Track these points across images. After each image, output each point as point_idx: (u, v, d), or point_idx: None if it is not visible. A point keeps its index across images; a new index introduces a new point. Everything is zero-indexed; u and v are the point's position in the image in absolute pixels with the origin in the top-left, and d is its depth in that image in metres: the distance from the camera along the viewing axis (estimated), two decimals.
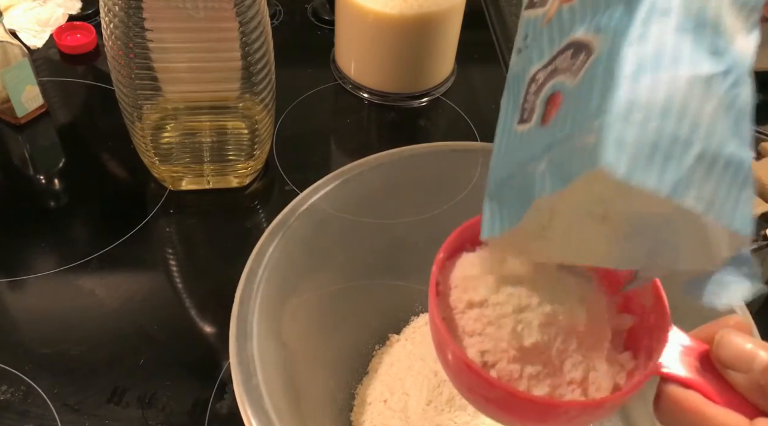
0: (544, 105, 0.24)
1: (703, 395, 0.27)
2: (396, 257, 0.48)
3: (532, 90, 0.25)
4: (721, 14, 0.20)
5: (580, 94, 0.21)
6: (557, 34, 0.25)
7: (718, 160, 0.20)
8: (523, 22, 0.28)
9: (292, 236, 0.41)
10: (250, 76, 0.53)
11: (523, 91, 0.26)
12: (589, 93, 0.21)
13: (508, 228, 0.25)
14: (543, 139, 0.23)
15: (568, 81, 0.23)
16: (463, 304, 0.31)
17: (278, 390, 0.37)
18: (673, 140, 0.19)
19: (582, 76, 0.22)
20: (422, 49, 0.69)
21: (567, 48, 0.24)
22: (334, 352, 0.47)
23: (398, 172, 0.46)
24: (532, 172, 0.23)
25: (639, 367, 0.31)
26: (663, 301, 0.31)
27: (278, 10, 0.82)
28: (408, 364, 0.48)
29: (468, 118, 0.71)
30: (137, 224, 0.59)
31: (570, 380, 0.30)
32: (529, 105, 0.25)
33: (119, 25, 0.48)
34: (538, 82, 0.25)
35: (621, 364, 0.31)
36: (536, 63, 0.25)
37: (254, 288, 0.38)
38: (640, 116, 0.19)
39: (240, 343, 0.36)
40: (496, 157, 0.28)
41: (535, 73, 0.25)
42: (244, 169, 0.60)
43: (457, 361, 0.30)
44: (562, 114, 0.22)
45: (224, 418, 0.47)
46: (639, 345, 0.32)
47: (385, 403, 0.46)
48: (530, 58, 0.26)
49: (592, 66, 0.21)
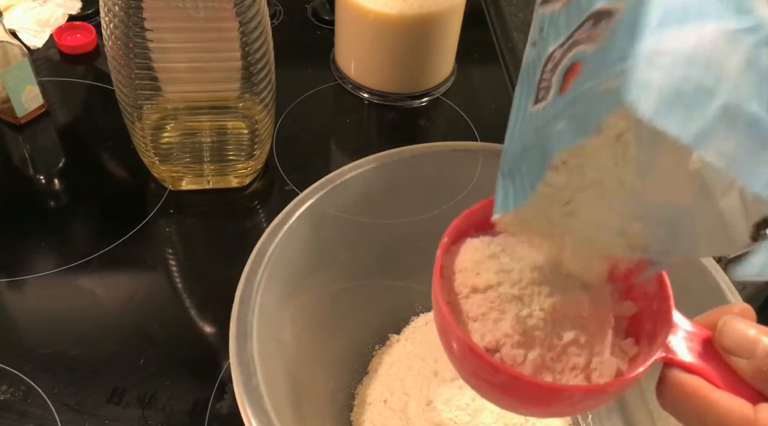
0: (562, 77, 0.23)
1: (706, 380, 0.27)
2: (396, 257, 0.48)
3: (549, 68, 0.25)
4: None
5: (603, 53, 0.21)
6: (575, 13, 0.24)
7: (740, 116, 0.20)
8: (537, 16, 0.28)
9: (292, 236, 0.41)
10: (250, 76, 0.53)
11: (539, 72, 0.25)
12: (612, 47, 0.20)
13: (523, 201, 0.25)
14: (562, 104, 0.22)
15: (589, 48, 0.22)
16: (467, 289, 0.31)
17: (278, 390, 0.37)
18: (698, 89, 0.19)
19: (604, 37, 0.21)
20: (422, 49, 0.69)
21: (587, 20, 0.23)
22: (334, 352, 0.47)
23: (398, 172, 0.46)
24: (550, 133, 0.22)
25: (642, 353, 0.31)
26: (666, 287, 0.31)
27: (278, 10, 0.82)
28: (408, 364, 0.48)
29: (468, 118, 0.71)
30: (137, 224, 0.59)
31: (573, 366, 0.30)
32: (546, 83, 0.24)
33: (119, 25, 0.48)
34: (555, 60, 0.24)
35: (624, 350, 0.31)
36: (553, 43, 0.25)
37: (254, 288, 0.38)
38: (667, 61, 0.19)
39: (240, 343, 0.36)
40: (510, 141, 0.27)
41: (552, 52, 0.25)
42: (244, 169, 0.60)
43: (461, 345, 0.30)
44: (582, 76, 0.22)
45: (224, 418, 0.47)
46: (641, 331, 0.32)
47: (385, 403, 0.46)
48: (546, 43, 0.26)
49: (616, 25, 0.21)
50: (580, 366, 0.30)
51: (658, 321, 0.30)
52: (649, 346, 0.30)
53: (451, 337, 0.30)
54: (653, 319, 0.31)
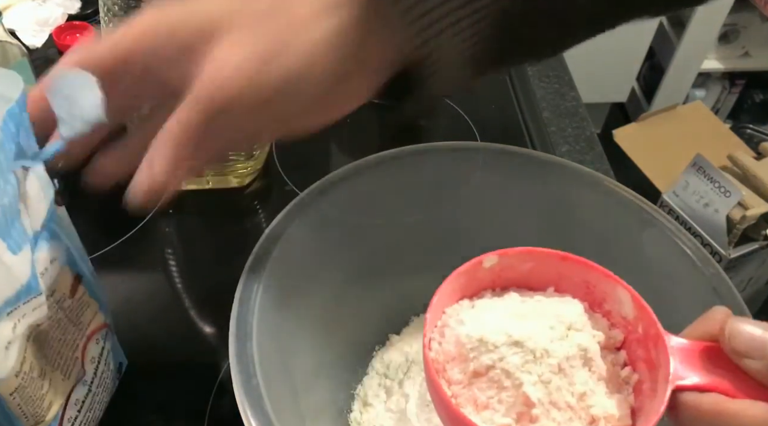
0: None
1: (720, 393, 0.27)
2: (396, 257, 0.48)
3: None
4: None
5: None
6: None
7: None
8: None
9: (292, 236, 0.41)
10: None
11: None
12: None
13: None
14: None
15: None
16: (469, 375, 0.31)
17: (278, 390, 0.37)
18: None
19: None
20: None
21: None
22: (334, 352, 0.47)
23: (398, 172, 0.46)
24: None
25: (645, 381, 0.30)
26: (646, 310, 0.30)
27: None
28: (408, 365, 0.48)
29: (468, 118, 0.71)
30: (136, 224, 0.58)
31: (591, 420, 0.29)
32: None
33: (119, 25, 0.48)
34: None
35: (626, 381, 0.31)
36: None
37: (254, 288, 0.38)
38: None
39: (240, 343, 0.36)
40: None
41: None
42: (244, 169, 0.60)
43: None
44: None
45: (224, 418, 0.47)
46: (634, 357, 0.32)
47: (385, 403, 0.46)
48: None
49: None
50: (599, 416, 0.29)
51: (649, 346, 0.30)
52: (650, 371, 0.30)
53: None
54: (643, 344, 0.31)
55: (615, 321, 0.32)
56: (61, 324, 0.38)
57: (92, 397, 0.42)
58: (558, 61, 0.79)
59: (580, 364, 0.30)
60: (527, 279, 0.34)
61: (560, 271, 0.34)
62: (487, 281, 0.35)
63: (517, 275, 0.34)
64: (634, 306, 0.31)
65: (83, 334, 0.40)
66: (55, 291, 0.37)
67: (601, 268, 0.33)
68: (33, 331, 0.35)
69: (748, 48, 1.84)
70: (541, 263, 0.34)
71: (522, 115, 0.72)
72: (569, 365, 0.30)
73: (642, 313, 0.31)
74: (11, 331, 0.32)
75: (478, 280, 0.34)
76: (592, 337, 0.31)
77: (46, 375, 0.37)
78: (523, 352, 0.29)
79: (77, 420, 0.41)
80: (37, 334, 0.35)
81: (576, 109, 0.73)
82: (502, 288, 0.35)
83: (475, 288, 0.35)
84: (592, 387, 0.30)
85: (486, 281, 0.35)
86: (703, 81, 1.89)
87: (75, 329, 0.40)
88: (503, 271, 0.34)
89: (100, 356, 0.43)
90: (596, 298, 0.33)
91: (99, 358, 0.42)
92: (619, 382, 0.31)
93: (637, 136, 1.44)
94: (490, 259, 0.34)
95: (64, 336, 0.39)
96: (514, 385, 0.29)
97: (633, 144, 1.43)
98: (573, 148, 0.68)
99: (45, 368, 0.36)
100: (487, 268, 0.34)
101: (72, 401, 0.40)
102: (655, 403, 0.28)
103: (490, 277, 0.34)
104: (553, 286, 0.34)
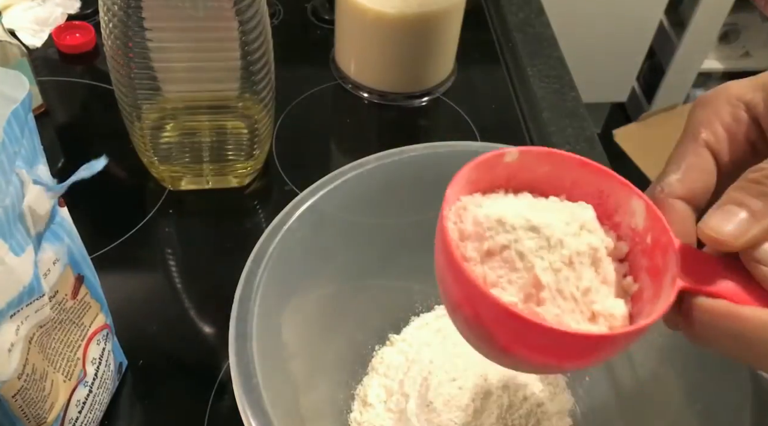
0: None
1: (730, 301, 0.27)
2: (396, 257, 0.48)
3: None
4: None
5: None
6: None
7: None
8: None
9: (292, 236, 0.41)
10: (249, 75, 0.53)
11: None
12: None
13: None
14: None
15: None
16: (482, 254, 0.30)
17: (278, 390, 0.37)
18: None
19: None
20: (422, 48, 0.69)
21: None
22: (334, 352, 0.47)
23: (398, 172, 0.46)
24: None
25: (646, 289, 0.31)
26: (659, 220, 0.30)
27: (278, 9, 0.82)
28: (408, 365, 0.48)
29: (468, 118, 0.71)
30: (136, 224, 0.58)
31: (591, 315, 0.30)
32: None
33: (118, 25, 0.48)
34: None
35: (625, 290, 0.31)
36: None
37: (254, 288, 0.38)
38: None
39: (240, 344, 0.36)
40: None
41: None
42: (244, 169, 0.60)
43: (498, 311, 0.28)
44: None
45: (224, 418, 0.47)
46: (637, 268, 0.32)
47: (385, 403, 0.46)
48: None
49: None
50: (600, 313, 0.30)
51: (656, 254, 0.30)
52: (653, 280, 0.30)
53: (480, 305, 0.29)
54: (650, 254, 0.31)
55: (622, 233, 0.32)
56: (63, 325, 0.38)
57: (93, 397, 0.42)
58: (558, 61, 0.79)
59: (588, 262, 0.30)
60: (541, 183, 0.34)
61: (575, 179, 0.33)
62: (501, 179, 0.34)
63: (531, 177, 0.34)
64: (647, 216, 0.31)
65: (85, 335, 0.40)
66: (57, 292, 0.36)
67: (618, 176, 0.33)
68: (35, 332, 0.35)
69: (748, 48, 1.84)
70: (558, 168, 0.33)
71: (522, 115, 0.72)
72: (579, 261, 0.30)
73: (654, 223, 0.31)
74: (14, 334, 0.32)
75: (493, 177, 0.33)
76: (602, 241, 0.31)
77: (48, 376, 0.37)
78: (538, 238, 0.29)
79: (78, 421, 0.41)
80: (39, 335, 0.35)
81: (576, 109, 0.73)
82: (515, 190, 0.34)
83: (488, 183, 0.34)
84: (597, 286, 0.30)
85: (500, 180, 0.34)
86: (704, 81, 1.89)
87: (77, 330, 0.40)
88: (519, 171, 0.33)
89: (101, 357, 0.43)
90: (608, 208, 0.33)
91: (100, 358, 0.42)
92: (620, 289, 0.31)
93: (637, 136, 1.45)
94: (512, 154, 0.33)
95: (66, 337, 0.39)
96: (526, 268, 0.29)
97: (633, 144, 1.43)
98: (573, 148, 0.68)
99: (47, 370, 0.36)
100: (506, 163, 0.33)
101: (73, 402, 0.40)
102: (661, 302, 0.28)
103: (506, 175, 0.34)
104: (565, 194, 0.34)
